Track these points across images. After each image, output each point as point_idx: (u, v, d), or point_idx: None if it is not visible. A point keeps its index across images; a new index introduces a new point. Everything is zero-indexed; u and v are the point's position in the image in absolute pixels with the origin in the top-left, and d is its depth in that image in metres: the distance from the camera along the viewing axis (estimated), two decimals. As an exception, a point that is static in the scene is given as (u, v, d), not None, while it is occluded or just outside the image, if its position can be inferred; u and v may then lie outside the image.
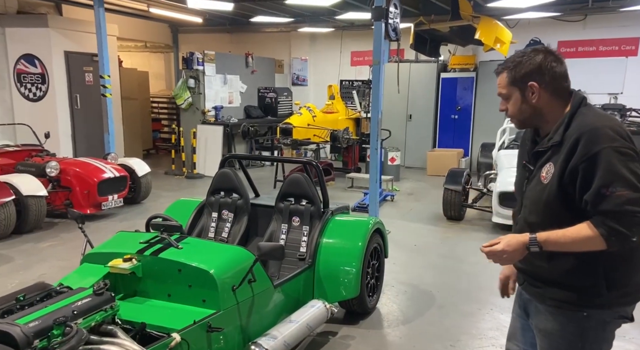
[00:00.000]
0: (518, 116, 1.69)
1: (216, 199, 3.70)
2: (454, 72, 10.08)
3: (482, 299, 3.98)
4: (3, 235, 5.26)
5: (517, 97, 1.66)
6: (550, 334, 1.67)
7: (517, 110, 1.68)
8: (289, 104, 11.22)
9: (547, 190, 1.60)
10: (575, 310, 1.61)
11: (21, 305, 2.05)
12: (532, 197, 1.67)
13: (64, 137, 8.44)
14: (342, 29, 10.95)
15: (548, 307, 1.67)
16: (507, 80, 1.66)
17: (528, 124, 1.73)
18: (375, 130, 5.37)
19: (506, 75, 1.67)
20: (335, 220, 3.50)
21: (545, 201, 1.60)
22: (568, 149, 1.54)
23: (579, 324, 1.61)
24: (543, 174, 1.63)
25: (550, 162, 1.61)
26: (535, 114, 1.66)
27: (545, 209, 1.61)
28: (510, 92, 1.67)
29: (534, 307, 1.74)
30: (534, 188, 1.66)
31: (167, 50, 12.88)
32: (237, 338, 2.57)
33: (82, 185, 5.96)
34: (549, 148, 1.63)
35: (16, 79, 8.37)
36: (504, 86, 1.68)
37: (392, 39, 5.76)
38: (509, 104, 1.70)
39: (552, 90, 1.63)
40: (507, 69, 1.67)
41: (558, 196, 1.57)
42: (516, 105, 1.67)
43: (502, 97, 1.71)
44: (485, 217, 6.36)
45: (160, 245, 2.60)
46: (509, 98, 1.68)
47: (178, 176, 9.16)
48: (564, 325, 1.64)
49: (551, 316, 1.66)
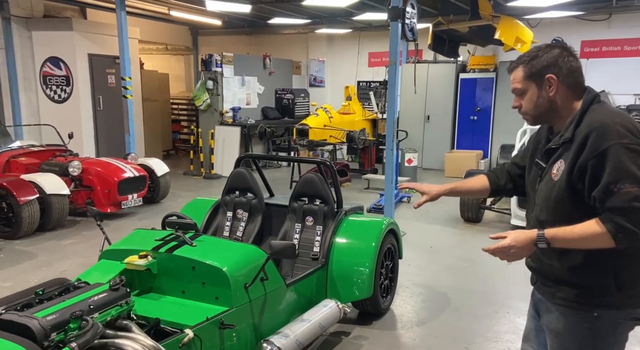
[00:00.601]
0: (533, 111, 1.66)
1: (231, 198, 3.74)
2: (473, 72, 9.96)
3: (499, 302, 3.92)
4: (27, 233, 5.42)
5: (533, 91, 1.63)
6: (560, 334, 1.65)
7: (532, 106, 1.65)
8: (306, 105, 11.27)
9: (557, 187, 1.58)
10: (585, 310, 1.59)
11: (40, 299, 2.10)
12: (543, 194, 1.65)
13: (87, 137, 8.66)
14: (360, 29, 10.94)
15: (559, 307, 1.64)
16: (523, 74, 1.63)
17: (542, 120, 1.70)
18: (391, 131, 5.34)
19: (522, 70, 1.64)
20: (349, 221, 3.50)
21: (555, 198, 1.59)
22: (578, 146, 1.53)
23: (589, 324, 1.59)
24: (554, 171, 1.61)
25: (561, 159, 1.59)
26: (551, 109, 1.63)
27: (555, 206, 1.59)
28: (526, 87, 1.64)
29: (545, 306, 1.72)
30: (545, 186, 1.64)
31: (187, 53, 13.08)
32: (250, 335, 2.59)
33: (103, 185, 6.10)
34: (560, 145, 1.61)
35: (42, 81, 8.62)
36: (519, 81, 1.65)
37: (409, 40, 5.73)
38: (523, 100, 1.67)
39: (569, 84, 1.61)
40: (522, 64, 1.64)
41: (567, 193, 1.55)
42: (532, 100, 1.64)
43: (517, 92, 1.68)
44: (504, 220, 6.27)
45: (175, 243, 2.65)
46: (524, 93, 1.65)
47: (196, 176, 9.29)
48: (574, 325, 1.61)
49: (562, 316, 1.64)
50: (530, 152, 1.82)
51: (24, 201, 5.25)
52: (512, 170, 1.96)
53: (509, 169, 1.97)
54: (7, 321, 1.86)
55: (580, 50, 9.42)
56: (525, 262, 1.79)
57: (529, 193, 1.78)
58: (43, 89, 8.66)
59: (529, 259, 1.76)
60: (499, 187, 1.99)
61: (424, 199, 2.03)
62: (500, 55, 9.69)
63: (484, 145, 9.96)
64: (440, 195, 2.03)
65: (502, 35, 7.60)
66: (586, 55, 9.40)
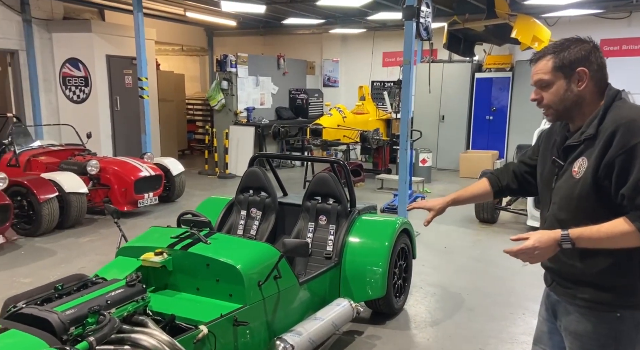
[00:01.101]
0: (558, 105, 1.59)
1: (245, 197, 3.77)
2: (489, 72, 9.85)
3: (514, 303, 3.88)
4: (47, 230, 5.54)
5: (561, 84, 1.57)
6: (581, 336, 1.62)
7: (558, 99, 1.58)
8: (319, 105, 11.28)
9: (579, 185, 1.54)
10: (608, 310, 1.56)
11: (59, 294, 2.15)
12: (562, 193, 1.61)
13: (104, 137, 8.81)
14: (374, 29, 10.91)
15: (579, 308, 1.61)
16: (553, 65, 1.57)
17: (565, 116, 1.63)
18: (405, 130, 5.32)
19: (551, 61, 1.57)
20: (362, 220, 3.50)
21: (578, 196, 1.55)
22: (604, 142, 1.49)
23: (611, 325, 1.56)
24: (575, 169, 1.57)
25: (583, 157, 1.56)
26: (577, 104, 1.58)
27: (579, 204, 1.55)
28: (554, 79, 1.57)
29: (564, 308, 1.68)
30: (565, 184, 1.61)
31: (202, 54, 13.21)
32: (263, 333, 2.61)
33: (120, 183, 6.20)
34: (581, 142, 1.57)
35: (61, 82, 8.80)
36: (546, 72, 1.57)
37: (424, 39, 5.69)
38: (547, 92, 1.60)
39: (596, 80, 1.58)
40: (551, 54, 1.58)
41: (592, 191, 1.51)
42: (558, 93, 1.57)
43: (540, 84, 1.60)
44: (520, 220, 6.19)
45: (189, 241, 2.68)
46: (550, 85, 1.58)
47: (211, 176, 9.38)
48: (596, 326, 1.58)
49: (582, 317, 1.60)
50: (542, 149, 1.78)
51: (44, 199, 5.37)
52: (519, 169, 1.93)
53: (515, 168, 1.94)
54: (28, 315, 1.91)
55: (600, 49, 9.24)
56: (542, 263, 1.75)
57: (543, 192, 1.75)
58: (62, 90, 8.83)
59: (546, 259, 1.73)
60: (501, 188, 1.97)
61: (431, 215, 2.05)
62: (517, 55, 9.57)
63: (499, 145, 9.85)
64: (445, 208, 2.04)
65: (519, 34, 7.50)
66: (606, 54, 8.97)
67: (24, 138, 6.77)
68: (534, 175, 1.84)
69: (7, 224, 4.88)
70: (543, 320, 1.84)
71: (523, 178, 1.91)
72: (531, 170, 1.87)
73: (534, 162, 1.85)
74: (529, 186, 1.90)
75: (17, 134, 6.55)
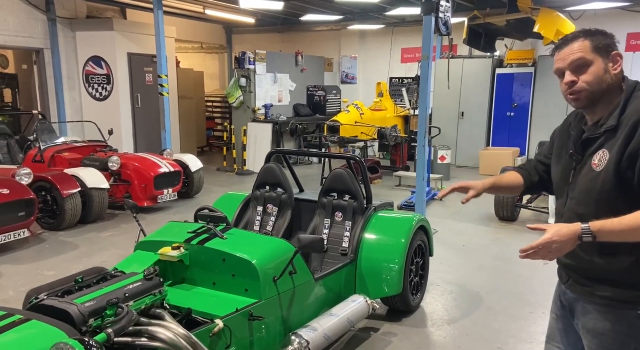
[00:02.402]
0: (595, 87, 1.53)
1: (261, 193, 3.79)
2: (511, 67, 9.66)
3: (534, 302, 3.80)
4: (70, 224, 5.67)
5: (599, 64, 1.52)
6: (600, 334, 1.58)
7: (597, 80, 1.52)
8: (337, 102, 11.25)
9: (601, 177, 1.51)
10: (627, 308, 1.52)
11: (79, 287, 2.21)
12: (582, 187, 1.58)
13: (125, 133, 8.97)
14: (393, 25, 10.81)
15: (598, 306, 1.58)
16: (591, 45, 1.53)
17: (597, 100, 1.56)
18: (422, 127, 5.26)
19: (588, 41, 1.54)
20: (378, 216, 3.47)
21: (599, 190, 1.51)
22: (627, 132, 1.46)
23: (631, 323, 1.52)
24: (595, 162, 1.54)
25: (603, 149, 1.52)
26: (608, 89, 1.54)
27: (599, 197, 1.52)
28: (594, 59, 1.52)
29: (581, 306, 1.65)
30: (585, 177, 1.57)
31: (221, 51, 13.32)
32: (278, 328, 2.62)
33: (140, 179, 6.31)
34: (601, 134, 1.54)
35: (84, 79, 9.00)
36: (587, 51, 1.51)
37: (443, 34, 5.61)
38: (584, 74, 1.53)
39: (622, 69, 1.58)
40: (584, 36, 1.55)
41: (614, 183, 1.48)
42: (598, 73, 1.52)
43: (578, 64, 1.53)
44: (541, 218, 6.06)
45: (206, 235, 2.71)
46: (588, 65, 1.52)
47: (229, 172, 9.46)
48: (615, 324, 1.55)
49: (601, 315, 1.57)
50: (557, 145, 1.75)
51: (67, 194, 5.50)
52: (538, 167, 1.92)
53: (535, 165, 1.93)
54: (49, 306, 1.96)
55: (626, 43, 8.97)
56: (558, 259, 1.72)
57: (559, 187, 1.72)
58: (85, 87, 9.03)
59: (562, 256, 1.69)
60: (532, 184, 1.94)
61: (471, 194, 1.93)
62: (539, 50, 9.35)
63: (521, 142, 9.66)
64: (483, 191, 1.95)
65: (542, 28, 7.32)
66: (632, 48, 8.94)
67: (49, 134, 6.93)
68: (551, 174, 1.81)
69: (32, 218, 5.02)
70: (557, 317, 1.80)
71: (545, 176, 1.89)
72: (548, 170, 1.84)
73: (549, 161, 1.82)
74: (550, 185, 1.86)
75: (42, 130, 6.72)
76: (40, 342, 1.74)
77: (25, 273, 4.43)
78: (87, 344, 1.66)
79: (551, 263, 1.78)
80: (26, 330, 1.82)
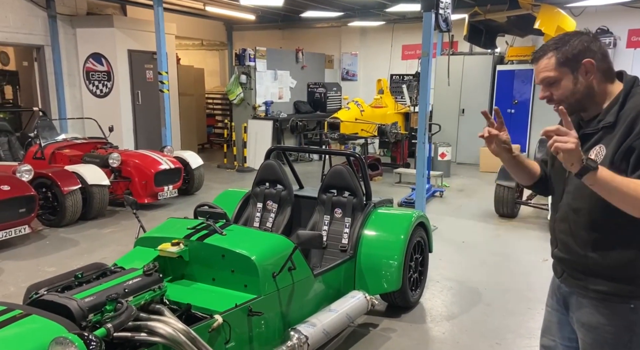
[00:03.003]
0: (570, 99, 1.57)
1: (261, 189, 3.79)
2: (512, 64, 9.64)
3: (533, 299, 3.81)
4: (71, 221, 5.69)
5: (568, 78, 1.56)
6: (595, 328, 1.59)
7: (569, 93, 1.57)
8: (338, 99, 11.25)
9: None
10: (621, 302, 1.53)
11: (79, 282, 2.21)
12: (577, 182, 1.57)
13: (126, 130, 8.98)
14: (393, 22, 10.79)
15: (592, 300, 1.59)
16: (556, 61, 1.56)
17: (578, 108, 1.62)
18: (423, 124, 5.26)
19: (554, 57, 1.57)
20: (378, 213, 3.48)
21: None
22: (625, 128, 1.46)
23: (625, 316, 1.53)
24: (592, 156, 1.54)
25: (600, 144, 1.53)
26: (588, 95, 1.56)
27: (593, 192, 1.51)
28: (561, 74, 1.56)
29: (575, 300, 1.66)
30: None
31: (221, 48, 13.31)
32: (277, 323, 2.63)
33: (140, 176, 6.32)
34: (599, 130, 1.55)
35: (85, 76, 9.00)
36: (551, 68, 1.57)
37: (443, 30, 5.60)
38: (555, 89, 1.59)
39: (603, 69, 1.56)
40: (552, 50, 1.57)
41: None
42: (568, 87, 1.56)
43: (547, 81, 1.60)
44: (542, 215, 6.07)
45: (205, 232, 2.72)
46: (558, 81, 1.57)
47: (229, 169, 9.47)
48: (609, 318, 1.56)
49: (595, 309, 1.58)
50: None
51: (68, 191, 5.52)
52: (542, 167, 1.91)
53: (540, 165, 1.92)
54: (49, 301, 1.97)
55: (628, 40, 8.94)
56: (552, 253, 1.74)
57: (556, 182, 1.73)
58: (86, 84, 9.03)
59: (556, 249, 1.70)
60: (542, 178, 1.87)
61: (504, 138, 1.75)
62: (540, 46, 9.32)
63: (521, 139, 9.65)
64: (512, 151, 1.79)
65: (543, 25, 7.31)
66: (633, 45, 8.91)
67: (49, 131, 6.95)
68: None
69: (32, 215, 5.04)
70: (552, 310, 1.82)
71: None
72: None
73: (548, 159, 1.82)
74: None
75: (42, 127, 6.73)
76: (40, 336, 1.75)
77: (26, 269, 4.45)
78: (87, 338, 1.67)
79: (550, 260, 1.79)
80: (26, 325, 1.83)
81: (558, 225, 1.69)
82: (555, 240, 1.71)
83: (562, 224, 1.66)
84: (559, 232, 1.69)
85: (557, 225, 1.70)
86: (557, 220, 1.69)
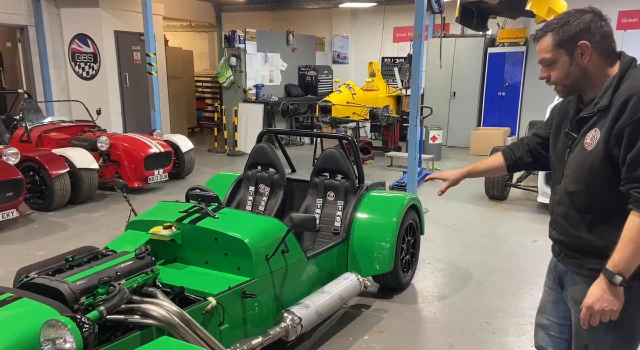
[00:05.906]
0: (565, 81, 1.58)
1: (253, 173, 3.77)
2: (503, 46, 9.62)
3: (522, 279, 3.88)
4: (59, 205, 5.62)
5: (564, 60, 1.55)
6: None
7: (564, 75, 1.57)
8: (329, 82, 11.15)
9: (591, 156, 1.52)
10: None
11: (70, 265, 2.19)
12: (574, 165, 1.59)
13: (114, 113, 8.82)
14: (385, 3, 10.65)
15: (586, 278, 1.61)
16: (553, 42, 1.56)
17: (575, 90, 1.62)
18: (414, 106, 5.24)
19: (551, 38, 1.56)
20: (370, 196, 3.48)
21: (589, 168, 1.53)
22: (616, 111, 1.46)
23: None
24: (587, 141, 1.55)
25: (595, 128, 1.53)
26: (584, 77, 1.56)
27: (589, 177, 1.53)
28: (557, 56, 1.56)
29: (570, 278, 1.69)
30: (577, 156, 1.58)
31: (210, 30, 13.06)
32: (271, 305, 2.65)
33: (130, 160, 6.24)
34: (595, 113, 1.54)
35: (71, 58, 8.79)
36: (548, 50, 1.57)
37: (435, 11, 5.56)
38: (553, 70, 1.59)
39: (602, 50, 1.54)
40: (551, 31, 1.56)
41: (603, 162, 1.49)
42: (563, 69, 1.56)
43: (545, 63, 1.61)
44: (531, 197, 6.14)
45: (198, 215, 2.70)
46: (554, 63, 1.57)
47: (220, 153, 9.40)
48: None
49: (588, 286, 1.59)
50: (556, 122, 1.75)
51: (56, 174, 5.43)
52: (532, 141, 1.91)
53: (529, 141, 1.93)
54: (40, 285, 1.95)
55: (618, 21, 8.93)
56: (550, 235, 1.75)
57: (555, 165, 1.73)
58: (72, 66, 8.82)
59: (554, 231, 1.72)
60: (515, 161, 1.97)
61: (446, 186, 2.09)
62: (531, 28, 9.29)
63: (511, 122, 9.69)
64: (460, 179, 2.07)
65: (534, 7, 7.25)
66: (623, 27, 8.92)
67: (35, 114, 6.80)
68: (546, 148, 1.82)
69: (20, 199, 4.96)
70: (549, 289, 1.85)
71: (536, 151, 1.90)
72: (544, 142, 1.85)
73: (547, 134, 1.82)
74: (543, 159, 1.88)
75: (28, 110, 6.59)
76: (31, 319, 1.73)
77: (15, 253, 4.40)
78: (79, 321, 1.66)
79: (539, 241, 1.81)
80: (17, 308, 1.81)
81: (556, 208, 1.70)
82: (554, 222, 1.72)
83: (559, 207, 1.67)
84: (556, 215, 1.70)
85: (555, 208, 1.71)
86: (555, 203, 1.70)
